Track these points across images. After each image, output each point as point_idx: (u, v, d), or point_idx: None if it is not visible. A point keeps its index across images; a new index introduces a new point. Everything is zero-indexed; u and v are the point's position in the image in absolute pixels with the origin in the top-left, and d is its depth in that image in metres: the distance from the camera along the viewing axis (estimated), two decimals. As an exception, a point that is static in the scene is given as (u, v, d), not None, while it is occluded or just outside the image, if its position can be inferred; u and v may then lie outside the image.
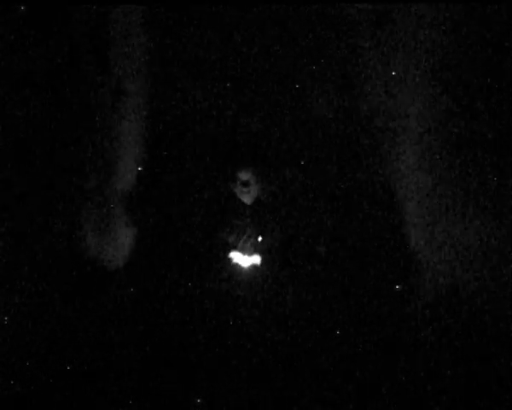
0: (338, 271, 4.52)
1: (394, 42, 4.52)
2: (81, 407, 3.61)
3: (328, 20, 4.57)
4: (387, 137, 4.57)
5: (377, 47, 4.57)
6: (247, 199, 4.54)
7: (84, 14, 4.43)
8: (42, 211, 3.99)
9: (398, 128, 4.51)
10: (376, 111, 4.58)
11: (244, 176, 4.48)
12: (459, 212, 4.37)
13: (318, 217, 4.64)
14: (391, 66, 4.51)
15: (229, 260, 4.49)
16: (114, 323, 4.19)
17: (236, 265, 4.48)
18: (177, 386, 3.92)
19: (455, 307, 4.34)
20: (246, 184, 4.48)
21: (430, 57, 4.38)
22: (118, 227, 4.58)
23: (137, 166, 4.67)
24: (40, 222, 4.01)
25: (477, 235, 4.38)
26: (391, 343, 4.27)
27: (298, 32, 4.60)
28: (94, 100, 4.48)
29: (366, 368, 4.18)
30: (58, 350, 3.69)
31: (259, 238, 4.52)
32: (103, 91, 4.51)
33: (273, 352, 4.25)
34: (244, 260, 4.49)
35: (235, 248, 4.51)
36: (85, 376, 3.72)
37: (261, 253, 4.50)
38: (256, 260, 4.49)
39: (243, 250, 4.51)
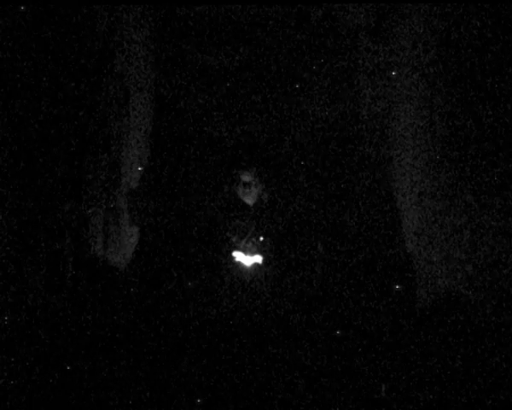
0: (338, 271, 4.54)
1: (394, 42, 4.53)
2: (81, 406, 3.64)
3: (327, 22, 4.59)
4: (387, 138, 4.58)
5: (377, 47, 4.59)
6: (249, 200, 4.57)
7: (88, 14, 4.47)
8: (44, 210, 4.03)
9: (398, 129, 4.52)
10: (376, 112, 4.60)
11: (246, 177, 4.53)
12: (459, 212, 4.37)
13: (318, 217, 4.67)
14: (391, 66, 4.52)
15: (232, 259, 4.52)
16: (116, 321, 4.22)
17: (239, 264, 4.51)
18: (178, 386, 3.94)
19: (455, 308, 4.35)
20: (248, 185, 4.52)
21: (430, 57, 4.38)
22: (122, 227, 4.63)
23: (141, 167, 4.71)
24: (42, 221, 4.04)
25: (477, 235, 4.38)
26: (390, 343, 4.29)
27: (298, 34, 4.62)
28: (98, 101, 4.52)
29: (366, 368, 4.19)
30: (58, 350, 3.72)
31: (261, 238, 4.55)
32: (107, 93, 4.54)
33: (274, 351, 4.28)
34: (246, 259, 4.52)
35: (237, 248, 4.55)
36: (85, 375, 3.76)
37: (263, 253, 4.53)
38: (258, 259, 4.52)
39: (245, 250, 4.54)
